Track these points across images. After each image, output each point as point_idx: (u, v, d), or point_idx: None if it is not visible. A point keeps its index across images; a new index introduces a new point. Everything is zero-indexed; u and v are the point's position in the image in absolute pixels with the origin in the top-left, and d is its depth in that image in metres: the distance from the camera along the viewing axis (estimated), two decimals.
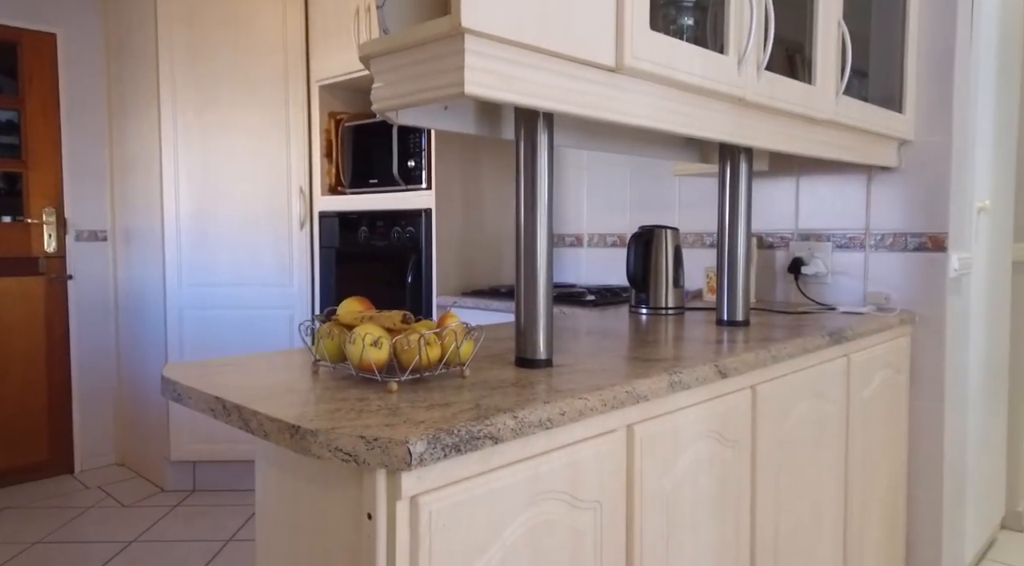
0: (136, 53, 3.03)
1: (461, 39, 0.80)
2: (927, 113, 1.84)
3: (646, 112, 1.06)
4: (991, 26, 2.04)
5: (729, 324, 1.58)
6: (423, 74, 0.86)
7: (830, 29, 1.46)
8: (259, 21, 2.86)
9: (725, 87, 1.16)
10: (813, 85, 1.41)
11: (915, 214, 1.86)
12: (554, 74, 0.92)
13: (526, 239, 1.02)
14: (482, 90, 0.83)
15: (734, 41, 1.17)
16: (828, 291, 2.02)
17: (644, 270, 1.82)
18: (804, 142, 1.46)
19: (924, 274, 1.85)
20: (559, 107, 0.93)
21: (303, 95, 2.89)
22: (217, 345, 2.92)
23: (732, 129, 1.24)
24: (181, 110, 2.86)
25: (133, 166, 3.11)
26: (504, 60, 0.85)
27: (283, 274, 2.93)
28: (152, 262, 3.00)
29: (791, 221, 2.09)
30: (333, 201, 2.82)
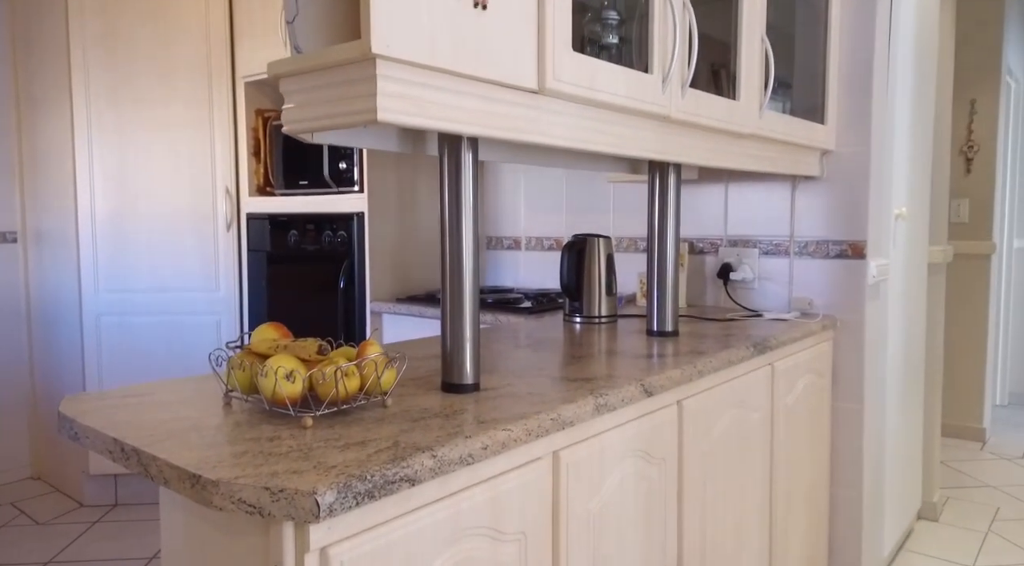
0: (45, 42, 2.84)
1: (372, 64, 0.77)
2: (847, 124, 1.90)
3: (570, 133, 1.05)
4: (908, 38, 2.12)
5: (659, 334, 1.59)
6: (335, 98, 0.82)
7: (753, 45, 1.47)
8: (179, 11, 2.72)
9: (649, 106, 1.16)
10: (737, 100, 1.43)
11: (837, 222, 1.92)
12: (472, 97, 0.89)
13: (451, 263, 0.99)
14: (396, 117, 0.80)
15: (658, 60, 1.17)
16: (755, 296, 2.07)
17: (577, 279, 1.82)
18: (729, 156, 1.48)
19: (845, 280, 1.91)
20: (479, 131, 0.90)
21: (228, 91, 2.77)
22: (139, 354, 2.79)
23: (657, 147, 1.24)
24: (95, 104, 2.71)
25: (45, 163, 2.93)
26: (419, 85, 0.82)
27: (209, 278, 2.81)
28: (66, 266, 2.84)
29: (720, 227, 2.13)
30: (262, 203, 2.72)
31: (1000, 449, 3.43)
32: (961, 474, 3.09)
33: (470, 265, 1.00)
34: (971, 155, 3.52)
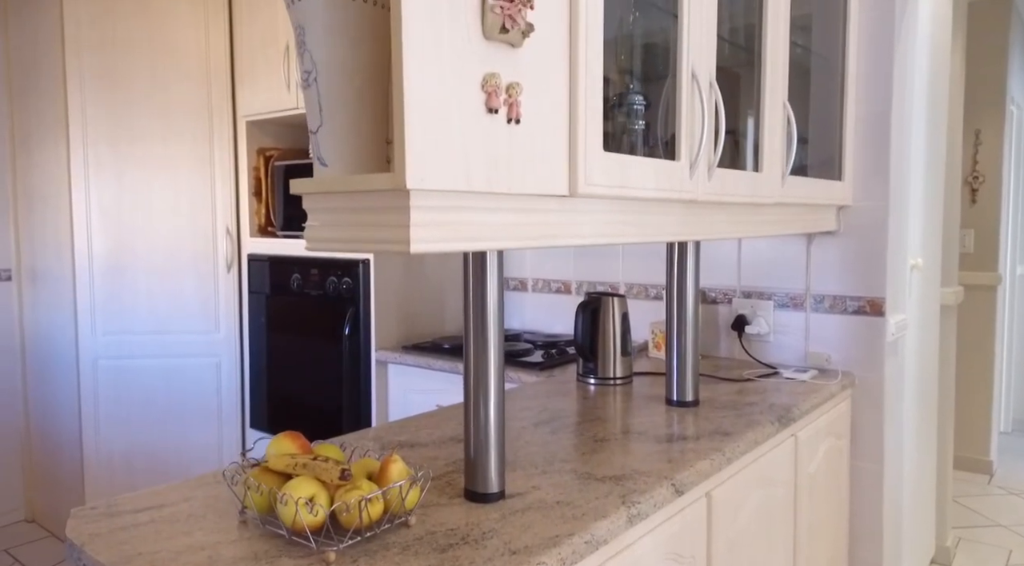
0: (42, 77, 2.79)
1: (406, 197, 0.73)
2: (865, 178, 1.86)
3: (598, 229, 1.01)
4: (922, 83, 2.10)
5: (679, 404, 1.55)
6: (363, 223, 0.78)
7: (776, 113, 1.44)
8: (179, 49, 2.67)
9: (677, 193, 1.12)
10: (760, 172, 1.40)
11: (853, 277, 1.89)
12: (504, 212, 0.85)
13: (476, 370, 0.95)
14: (429, 246, 0.75)
15: (686, 146, 1.13)
16: (771, 350, 2.03)
17: (592, 340, 1.78)
18: (750, 226, 1.44)
19: (863, 337, 1.88)
20: (511, 245, 0.86)
21: (228, 129, 2.72)
22: (137, 397, 2.73)
23: (681, 229, 1.20)
24: (93, 141, 2.65)
25: (41, 201, 2.87)
26: (452, 209, 0.78)
27: (208, 320, 2.76)
28: (63, 306, 2.78)
29: (733, 277, 2.09)
30: (263, 244, 2.67)
31: (1008, 483, 3.41)
32: (971, 512, 3.06)
33: (495, 373, 0.96)
34: (976, 185, 3.50)
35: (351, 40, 0.83)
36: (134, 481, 2.75)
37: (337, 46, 0.83)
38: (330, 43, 0.82)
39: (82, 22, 2.62)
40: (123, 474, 2.75)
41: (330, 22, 0.82)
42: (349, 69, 0.83)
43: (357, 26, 0.83)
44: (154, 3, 2.64)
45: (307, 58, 0.84)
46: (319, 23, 0.82)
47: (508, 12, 0.76)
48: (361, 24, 0.83)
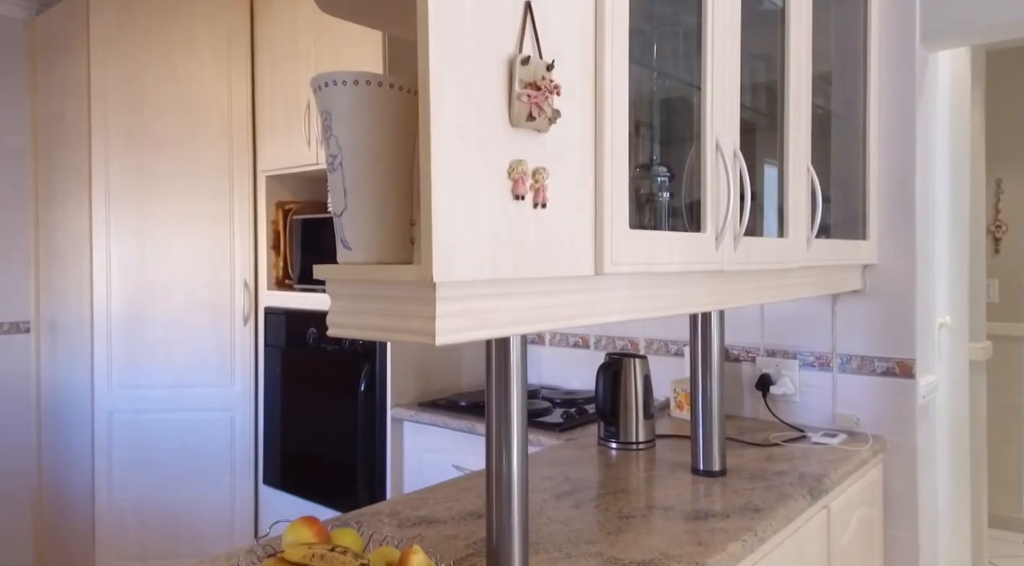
0: (67, 135, 2.85)
1: (432, 289, 0.71)
2: (890, 237, 1.84)
3: (624, 305, 0.98)
4: (944, 137, 2.08)
5: (705, 474, 1.50)
6: (388, 312, 0.76)
7: (800, 177, 1.43)
8: (203, 108, 2.72)
9: (703, 265, 1.10)
10: (785, 238, 1.37)
11: (881, 337, 1.84)
12: (530, 296, 0.83)
13: (498, 473, 0.92)
14: (454, 337, 0.73)
15: (711, 218, 1.12)
16: (797, 410, 1.98)
17: (613, 403, 1.74)
18: (775, 291, 1.41)
19: (893, 400, 1.82)
20: (536, 328, 0.84)
21: (249, 184, 2.75)
22: (150, 452, 2.70)
23: (707, 299, 1.18)
24: (115, 198, 2.69)
25: (62, 254, 2.90)
26: (478, 297, 0.76)
27: (224, 374, 2.74)
28: (79, 360, 2.78)
29: (756, 335, 2.05)
30: (280, 297, 2.67)
31: None
32: None
33: (519, 466, 0.93)
34: (999, 235, 3.46)
35: (377, 125, 0.82)
36: (145, 536, 2.70)
37: (363, 131, 0.82)
38: (356, 128, 0.82)
39: (109, 84, 2.68)
40: (135, 529, 2.71)
41: (356, 108, 0.82)
42: (374, 154, 0.83)
43: (383, 112, 0.83)
44: (179, 64, 2.71)
45: (333, 143, 0.83)
46: (346, 109, 0.82)
47: (535, 101, 0.76)
48: (387, 110, 0.83)
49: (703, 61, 1.10)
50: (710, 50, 1.10)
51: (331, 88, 0.83)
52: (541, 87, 0.76)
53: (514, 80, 0.76)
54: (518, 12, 0.77)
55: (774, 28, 1.38)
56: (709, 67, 1.10)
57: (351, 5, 0.90)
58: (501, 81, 0.75)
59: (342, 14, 0.91)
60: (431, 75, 0.68)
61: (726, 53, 1.14)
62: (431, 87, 0.68)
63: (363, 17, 0.93)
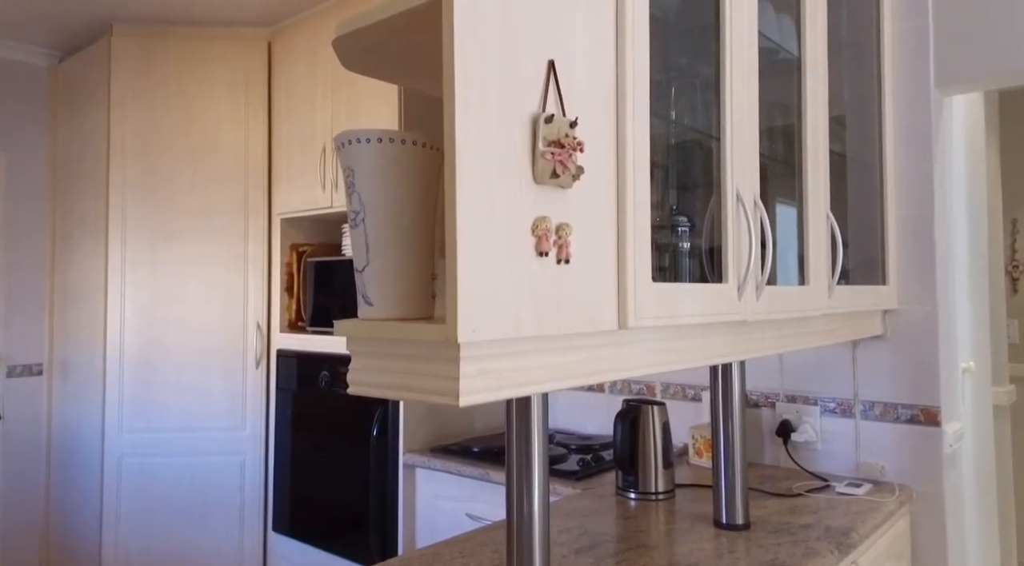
0: (85, 179, 2.89)
1: (456, 349, 0.70)
2: (910, 281, 1.81)
3: (647, 359, 0.97)
4: (961, 180, 2.07)
5: (728, 527, 1.46)
6: (410, 371, 0.75)
7: (819, 224, 1.42)
8: (220, 151, 2.76)
9: (726, 316, 1.08)
10: (806, 285, 1.36)
11: (905, 384, 1.81)
12: (553, 353, 0.82)
13: (519, 538, 0.89)
14: (478, 397, 0.72)
15: (733, 268, 1.10)
16: (819, 458, 1.93)
17: (631, 452, 1.70)
18: (797, 339, 1.39)
19: (918, 448, 1.77)
20: (560, 386, 0.82)
21: (264, 226, 2.77)
22: (159, 496, 2.67)
23: (730, 350, 1.16)
24: (131, 238, 2.71)
25: (76, 296, 2.92)
26: (501, 356, 0.75)
27: (235, 417, 2.72)
28: (90, 402, 2.77)
29: (776, 380, 2.02)
30: (292, 339, 2.66)
31: None
32: None
33: (541, 524, 0.90)
34: (1016, 275, 3.42)
35: (400, 182, 0.82)
36: None
37: (386, 188, 0.82)
38: (379, 185, 0.82)
39: (127, 128, 2.73)
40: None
41: (379, 165, 0.82)
42: (397, 210, 0.83)
43: (406, 169, 0.83)
44: (197, 108, 2.76)
45: (356, 199, 0.83)
46: (369, 166, 0.82)
47: (559, 158, 0.75)
48: (410, 167, 0.83)
49: (722, 112, 1.10)
50: (728, 101, 1.10)
51: (355, 146, 0.83)
52: (565, 145, 0.76)
53: (538, 138, 0.76)
54: (541, 70, 0.78)
55: (790, 77, 1.39)
56: (728, 118, 1.10)
57: (373, 63, 0.90)
58: (525, 139, 0.75)
59: (364, 71, 0.92)
60: (457, 135, 0.67)
61: (744, 104, 1.14)
62: (457, 147, 0.67)
63: (385, 74, 0.94)
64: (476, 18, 0.70)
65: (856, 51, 1.81)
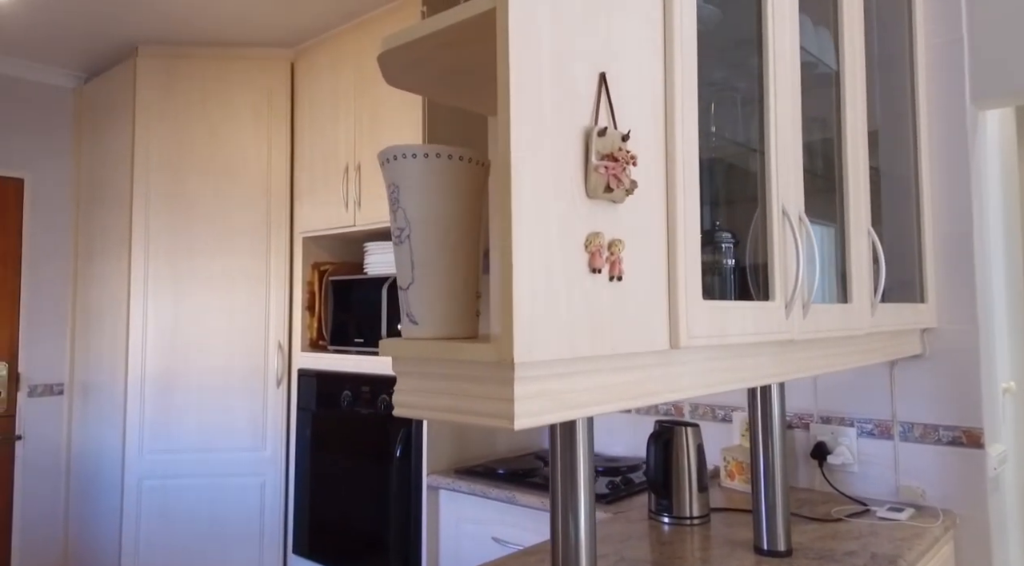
0: (108, 199, 2.91)
1: (511, 370, 0.67)
2: (950, 299, 1.77)
3: (697, 380, 0.93)
4: (996, 201, 2.03)
5: (769, 554, 1.41)
6: (459, 393, 0.72)
7: (861, 240, 1.38)
8: (243, 170, 2.77)
9: (774, 335, 1.05)
10: (849, 302, 1.32)
11: (945, 404, 1.75)
12: (604, 373, 0.79)
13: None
14: (532, 420, 0.69)
15: (780, 285, 1.07)
16: (855, 481, 1.87)
17: (665, 475, 1.66)
18: (840, 359, 1.35)
19: (961, 471, 1.72)
20: (612, 408, 0.79)
21: (286, 245, 2.77)
22: (179, 518, 2.64)
23: (777, 370, 1.12)
24: (153, 258, 2.71)
25: (98, 316, 2.92)
26: (554, 377, 0.72)
27: (256, 437, 2.70)
28: (111, 423, 2.75)
29: (810, 400, 1.97)
30: (313, 358, 2.64)
31: None
32: None
33: (588, 554, 0.87)
34: None
35: (446, 198, 0.80)
36: None
37: (432, 204, 0.80)
38: (425, 202, 0.80)
39: (152, 146, 2.74)
40: None
41: (425, 181, 0.80)
42: (443, 227, 0.80)
43: (452, 184, 0.81)
44: (221, 127, 2.77)
45: (400, 216, 0.81)
46: (414, 182, 0.80)
47: (613, 172, 0.73)
48: (456, 182, 0.81)
49: (766, 126, 1.07)
50: (773, 115, 1.08)
51: (400, 161, 0.81)
52: (618, 158, 0.74)
53: (591, 151, 0.74)
54: (592, 83, 0.76)
55: (828, 90, 1.36)
56: (772, 132, 1.07)
57: (417, 79, 0.89)
58: (577, 153, 0.73)
59: (407, 86, 0.91)
60: (513, 149, 0.65)
61: (788, 118, 1.12)
62: (512, 161, 0.65)
63: (428, 90, 0.92)
64: (530, 29, 0.68)
65: (888, 66, 1.79)
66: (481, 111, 1.02)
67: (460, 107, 0.99)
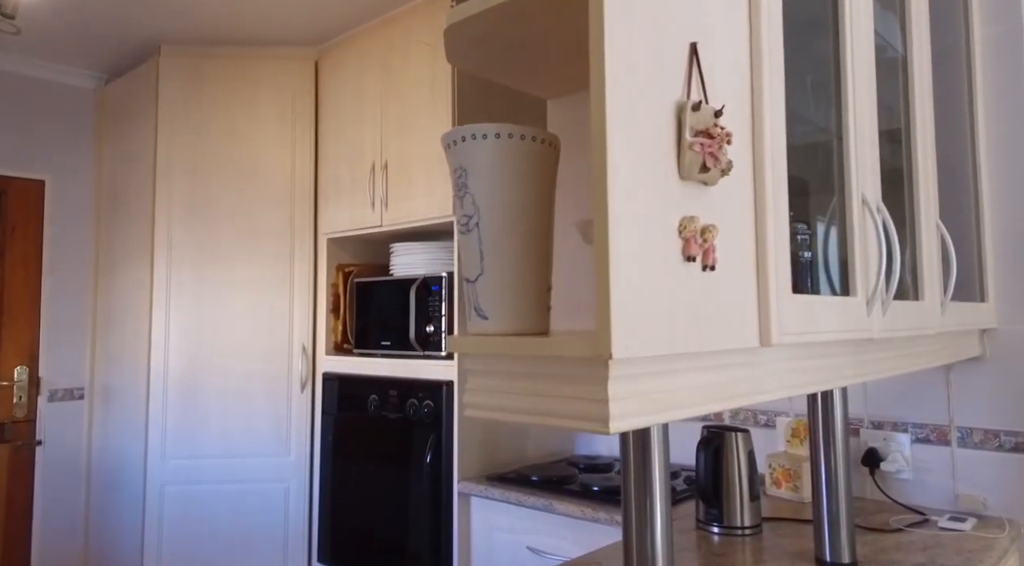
0: (130, 201, 2.87)
1: (605, 367, 0.60)
2: (1012, 299, 1.69)
3: (783, 382, 0.86)
4: None
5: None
6: (540, 392, 0.66)
7: (931, 234, 1.31)
8: (267, 172, 2.72)
9: (855, 333, 0.98)
10: (921, 300, 1.25)
11: (1007, 409, 1.67)
12: (694, 372, 0.72)
13: None
14: (627, 422, 0.62)
15: (861, 279, 1.00)
16: (910, 490, 1.79)
17: (715, 483, 1.58)
18: (909, 360, 1.27)
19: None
20: (702, 410, 0.72)
21: (310, 247, 2.72)
22: (202, 525, 2.58)
23: (855, 371, 1.05)
24: (176, 261, 2.67)
25: (120, 320, 2.88)
26: (646, 376, 0.65)
27: (280, 443, 2.64)
28: (133, 429, 2.71)
29: (859, 405, 1.89)
30: (338, 362, 2.58)
31: None
32: None
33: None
34: None
35: (518, 182, 0.74)
36: None
37: (504, 189, 0.74)
38: (496, 186, 0.74)
39: (175, 148, 2.70)
40: None
41: (496, 163, 0.73)
42: (514, 213, 0.74)
43: (525, 167, 0.74)
44: (244, 129, 2.73)
45: (468, 202, 0.75)
46: (484, 165, 0.74)
47: (709, 150, 0.66)
48: (529, 165, 0.74)
49: (844, 110, 1.00)
50: (851, 99, 1.01)
51: (468, 143, 0.75)
52: (714, 135, 0.67)
53: (684, 128, 0.67)
54: (683, 54, 0.69)
55: (895, 76, 1.29)
56: (851, 116, 1.01)
57: (480, 57, 0.83)
58: (670, 130, 0.67)
59: (469, 65, 0.85)
60: (608, 124, 0.59)
61: (866, 102, 1.05)
62: (608, 138, 0.59)
63: (489, 69, 0.86)
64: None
65: (944, 56, 1.71)
66: (538, 94, 0.96)
67: (518, 89, 0.92)
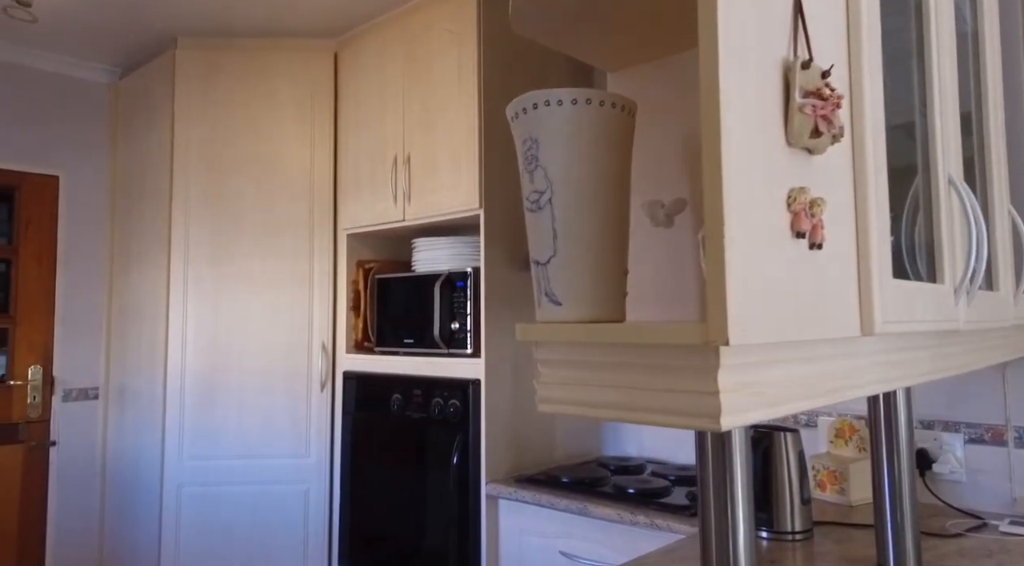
0: (146, 197, 2.81)
1: (715, 355, 0.53)
2: None
3: (876, 376, 0.79)
4: None
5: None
6: (632, 384, 0.58)
7: (1003, 221, 1.23)
8: (285, 166, 2.66)
9: (944, 324, 0.90)
10: (996, 290, 1.17)
11: None
12: (795, 363, 0.65)
13: None
14: (737, 418, 0.55)
15: (949, 265, 0.92)
16: (964, 492, 1.71)
17: (764, 485, 1.51)
18: (982, 354, 1.19)
19: None
20: (805, 406, 0.65)
21: (329, 243, 2.65)
22: (220, 527, 2.52)
23: (938, 365, 0.97)
24: (194, 258, 2.61)
25: (136, 318, 2.82)
26: (753, 366, 0.58)
27: (299, 443, 2.58)
28: (149, 428, 2.65)
29: None
30: (359, 360, 2.52)
31: None
32: None
33: None
34: None
35: (596, 152, 0.67)
36: None
37: (580, 160, 0.66)
38: (572, 157, 0.66)
39: (192, 143, 2.64)
40: None
41: (572, 133, 0.66)
42: (592, 188, 0.67)
43: (602, 136, 0.67)
44: (262, 123, 2.67)
45: (539, 176, 0.68)
46: (558, 134, 0.67)
47: (821, 112, 0.59)
48: (607, 134, 0.67)
49: (929, 84, 0.93)
50: (936, 72, 0.93)
51: (540, 110, 0.68)
52: (825, 97, 0.60)
53: (792, 88, 0.60)
54: (788, 7, 0.62)
55: (964, 52, 1.21)
56: (936, 91, 0.93)
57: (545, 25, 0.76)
58: (776, 91, 0.59)
59: (534, 33, 0.78)
60: (722, 83, 0.52)
61: (949, 75, 0.97)
62: (722, 98, 0.52)
63: (559, 39, 0.79)
64: None
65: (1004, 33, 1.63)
66: (601, 66, 0.89)
67: (581, 60, 0.85)
